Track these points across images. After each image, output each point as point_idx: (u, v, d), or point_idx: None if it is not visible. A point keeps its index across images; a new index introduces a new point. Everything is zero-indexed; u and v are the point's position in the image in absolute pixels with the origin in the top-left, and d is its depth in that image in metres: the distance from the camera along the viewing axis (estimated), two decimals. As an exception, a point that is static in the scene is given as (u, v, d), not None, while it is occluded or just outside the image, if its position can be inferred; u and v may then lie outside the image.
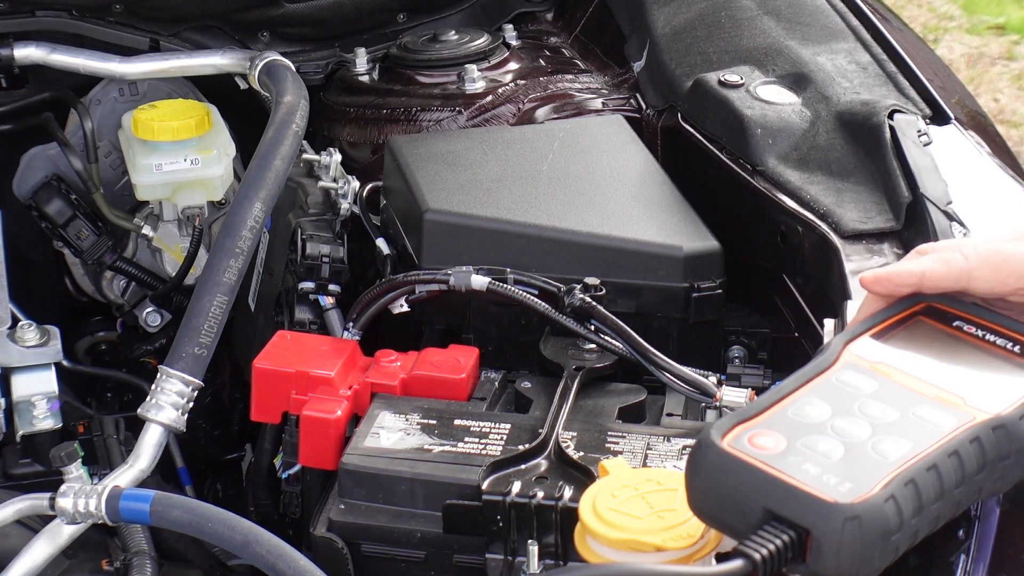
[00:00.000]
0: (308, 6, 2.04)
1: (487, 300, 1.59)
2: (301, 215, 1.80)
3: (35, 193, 2.04)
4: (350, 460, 1.38)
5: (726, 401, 1.45)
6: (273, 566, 1.23)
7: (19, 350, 1.70)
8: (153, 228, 2.05)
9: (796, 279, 1.67)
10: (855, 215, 1.61)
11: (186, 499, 1.32)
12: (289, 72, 1.87)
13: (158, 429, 1.45)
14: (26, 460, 1.72)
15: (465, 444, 1.39)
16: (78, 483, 1.36)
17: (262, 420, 1.53)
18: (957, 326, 1.19)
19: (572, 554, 1.28)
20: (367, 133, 2.04)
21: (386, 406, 1.46)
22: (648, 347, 1.49)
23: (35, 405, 1.70)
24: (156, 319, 2.11)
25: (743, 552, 1.02)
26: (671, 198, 1.73)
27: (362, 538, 1.36)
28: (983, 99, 4.65)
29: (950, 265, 1.19)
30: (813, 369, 1.15)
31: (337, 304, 1.72)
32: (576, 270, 1.59)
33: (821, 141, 1.75)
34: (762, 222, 1.71)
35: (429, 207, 1.66)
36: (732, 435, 1.07)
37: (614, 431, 1.40)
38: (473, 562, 1.34)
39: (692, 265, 1.61)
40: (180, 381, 1.46)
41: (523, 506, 1.30)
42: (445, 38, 2.10)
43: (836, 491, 1.02)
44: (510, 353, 1.62)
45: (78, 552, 1.45)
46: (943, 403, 1.11)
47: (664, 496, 1.17)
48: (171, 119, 1.92)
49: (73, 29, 2.01)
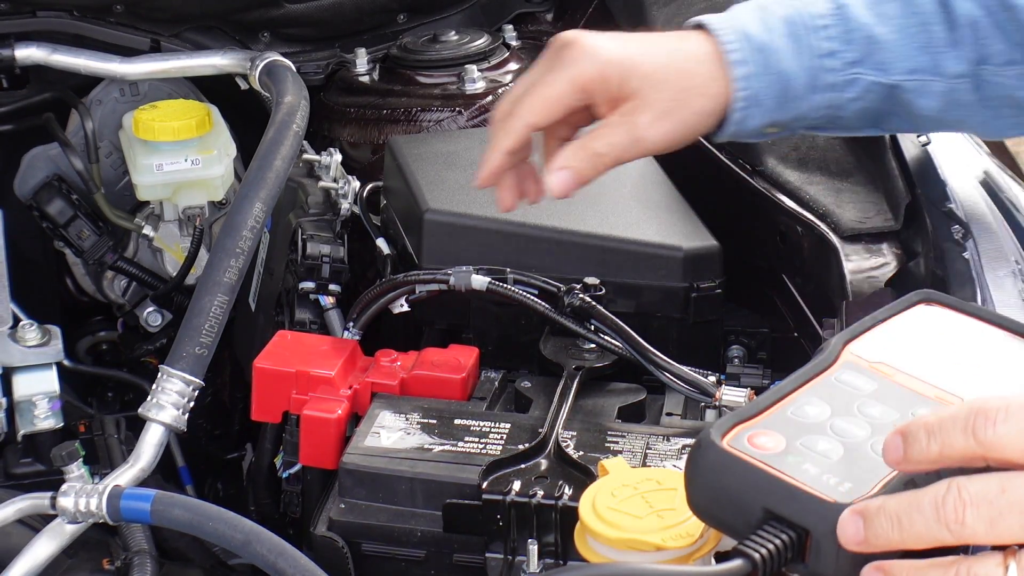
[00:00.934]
0: (308, 7, 2.05)
1: (487, 300, 1.59)
2: (301, 215, 1.80)
3: (36, 193, 2.04)
4: (350, 459, 1.38)
5: (725, 401, 1.45)
6: (274, 565, 1.23)
7: (20, 350, 1.70)
8: (154, 228, 2.05)
9: (795, 279, 1.67)
10: (854, 215, 1.62)
11: (187, 498, 1.32)
12: (289, 72, 1.87)
13: (159, 428, 1.46)
14: (27, 459, 1.72)
15: (465, 443, 1.39)
16: (79, 482, 1.36)
17: (262, 420, 1.54)
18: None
19: (572, 553, 1.28)
20: (367, 133, 2.04)
21: (386, 406, 1.47)
22: (648, 347, 1.49)
23: (36, 405, 1.70)
24: (157, 319, 2.11)
25: (743, 552, 1.03)
26: (670, 198, 1.73)
27: (362, 537, 1.36)
28: (983, 99, 4.63)
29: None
30: (812, 369, 1.15)
31: (337, 304, 1.72)
32: (576, 270, 1.59)
33: (820, 141, 1.75)
34: (761, 222, 1.71)
35: (429, 207, 1.66)
36: (732, 435, 1.07)
37: (614, 431, 1.41)
38: (473, 561, 1.34)
39: (691, 265, 1.61)
40: (181, 381, 1.47)
41: (523, 505, 1.31)
42: (445, 38, 2.10)
43: (836, 491, 1.02)
44: (510, 353, 1.63)
45: (79, 551, 1.45)
46: (943, 403, 1.11)
47: (664, 495, 1.17)
48: (172, 119, 1.92)
49: (74, 30, 2.01)
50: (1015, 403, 0.95)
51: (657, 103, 1.32)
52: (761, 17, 1.33)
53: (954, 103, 1.36)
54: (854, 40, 1.33)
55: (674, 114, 1.32)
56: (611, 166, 1.35)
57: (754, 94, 1.33)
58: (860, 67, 1.33)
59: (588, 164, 1.34)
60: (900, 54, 1.34)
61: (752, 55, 1.32)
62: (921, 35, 1.33)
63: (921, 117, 1.38)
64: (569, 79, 1.33)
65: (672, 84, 1.33)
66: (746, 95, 1.33)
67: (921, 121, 1.40)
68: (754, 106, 1.34)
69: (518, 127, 1.35)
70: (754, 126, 1.36)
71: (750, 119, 1.35)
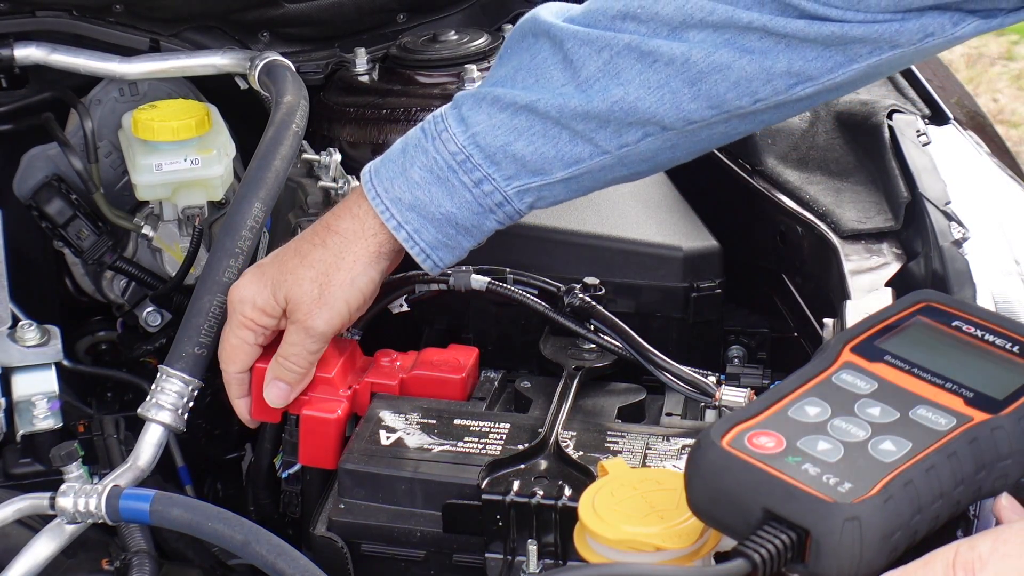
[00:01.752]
0: (308, 6, 2.04)
1: (487, 300, 1.59)
2: (301, 215, 1.80)
3: (35, 193, 2.03)
4: (350, 459, 1.38)
5: (725, 401, 1.45)
6: (273, 565, 1.23)
7: (19, 350, 1.70)
8: (153, 228, 2.04)
9: (795, 279, 1.67)
10: (854, 215, 1.61)
11: (186, 498, 1.32)
12: (289, 72, 1.87)
13: (158, 429, 1.46)
14: (26, 460, 1.72)
15: (465, 444, 1.39)
16: (78, 483, 1.36)
17: (262, 419, 1.53)
18: (956, 326, 1.19)
19: (571, 553, 1.28)
20: (367, 133, 2.03)
21: (386, 406, 1.46)
22: (647, 347, 1.49)
23: (35, 405, 1.70)
24: (156, 319, 2.10)
25: (743, 552, 1.03)
26: (670, 198, 1.73)
27: (362, 537, 1.36)
28: (982, 99, 4.65)
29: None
30: (812, 369, 1.15)
31: (337, 304, 1.72)
32: (576, 270, 1.59)
33: (820, 141, 1.75)
34: (761, 222, 1.71)
35: (429, 207, 1.66)
36: (732, 435, 1.07)
37: (613, 431, 1.41)
38: (473, 561, 1.34)
39: (691, 265, 1.61)
40: (180, 381, 1.47)
41: (523, 505, 1.30)
42: (445, 38, 2.10)
43: (835, 491, 1.02)
44: (510, 353, 1.62)
45: (78, 551, 1.45)
46: (942, 404, 1.11)
47: (663, 496, 1.17)
48: (171, 119, 1.91)
49: (73, 29, 2.00)
50: (986, 552, 1.01)
51: (307, 296, 1.42)
52: (403, 172, 1.41)
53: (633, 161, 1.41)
54: (499, 162, 1.39)
55: (326, 297, 1.42)
56: (311, 360, 1.45)
57: (427, 244, 1.42)
58: (517, 179, 1.40)
59: (286, 370, 1.45)
60: (549, 157, 1.39)
61: (405, 216, 1.41)
62: (564, 133, 1.38)
63: (614, 179, 1.44)
64: (237, 326, 1.45)
65: (315, 273, 1.42)
66: (419, 248, 1.42)
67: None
68: (436, 250, 1.42)
69: (231, 374, 1.48)
70: (453, 258, 1.44)
71: (444, 258, 1.43)
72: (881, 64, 1.33)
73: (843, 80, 1.34)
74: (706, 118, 1.35)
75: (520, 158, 1.38)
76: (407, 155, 1.42)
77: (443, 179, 1.40)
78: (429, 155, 1.40)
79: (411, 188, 1.40)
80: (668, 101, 1.34)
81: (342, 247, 1.42)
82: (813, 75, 1.33)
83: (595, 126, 1.37)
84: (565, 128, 1.37)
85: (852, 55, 1.32)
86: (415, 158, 1.41)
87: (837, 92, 1.37)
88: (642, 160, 1.40)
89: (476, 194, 1.39)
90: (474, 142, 1.39)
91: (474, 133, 1.39)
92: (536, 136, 1.38)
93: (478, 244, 1.45)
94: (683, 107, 1.35)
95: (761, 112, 1.36)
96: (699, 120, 1.35)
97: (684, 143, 1.39)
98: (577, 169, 1.39)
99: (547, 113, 1.37)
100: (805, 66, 1.33)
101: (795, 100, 1.35)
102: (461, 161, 1.39)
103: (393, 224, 1.41)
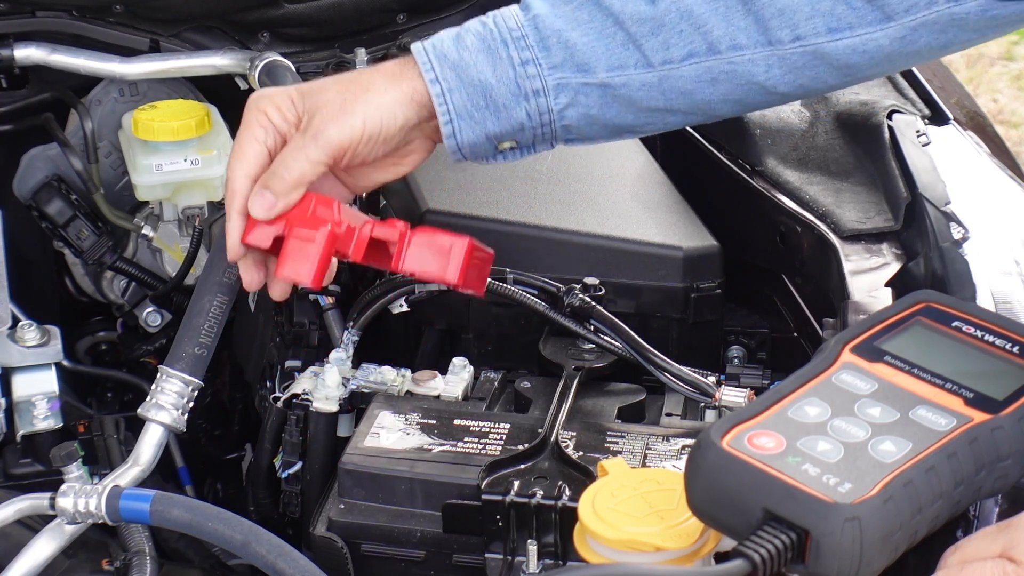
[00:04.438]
0: (308, 7, 2.04)
1: (487, 300, 1.59)
2: (301, 215, 1.80)
3: (35, 193, 2.04)
4: (350, 460, 1.38)
5: (725, 401, 1.45)
6: (273, 565, 1.23)
7: (19, 350, 1.70)
8: (153, 228, 2.05)
9: (795, 279, 1.68)
10: (854, 215, 1.61)
11: (186, 499, 1.32)
12: (289, 72, 1.87)
13: (158, 429, 1.46)
14: (26, 460, 1.72)
15: (465, 444, 1.39)
16: (78, 483, 1.36)
17: (250, 246, 1.40)
18: (956, 326, 1.19)
19: (571, 554, 1.28)
20: (367, 133, 2.03)
21: (386, 406, 1.47)
22: (647, 347, 1.49)
23: (35, 405, 1.70)
24: (156, 319, 2.10)
25: (742, 552, 1.03)
26: (670, 198, 1.73)
27: (362, 538, 1.36)
28: (982, 99, 4.65)
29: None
30: (812, 369, 1.15)
31: (337, 304, 1.72)
32: (576, 270, 1.59)
33: (820, 141, 1.75)
34: (761, 222, 1.71)
35: (429, 207, 1.66)
36: (731, 435, 1.07)
37: (613, 431, 1.41)
38: (473, 562, 1.34)
39: (691, 265, 1.61)
40: (180, 381, 1.47)
41: (522, 506, 1.31)
42: (445, 38, 2.10)
43: (835, 492, 1.02)
44: (510, 353, 1.63)
45: (78, 552, 1.45)
46: (942, 404, 1.11)
47: (663, 496, 1.17)
48: (171, 119, 1.92)
49: (73, 30, 2.00)
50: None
51: (329, 103, 1.39)
52: (457, 36, 1.41)
53: (672, 89, 1.40)
54: (551, 47, 1.39)
55: (347, 107, 1.38)
56: (304, 171, 1.38)
57: (455, 107, 1.39)
58: (561, 71, 1.39)
59: (277, 177, 1.37)
60: (598, 53, 1.39)
61: (444, 72, 1.39)
62: (619, 33, 1.39)
63: (648, 110, 1.42)
64: (252, 123, 1.40)
65: (343, 86, 1.40)
66: (446, 108, 1.39)
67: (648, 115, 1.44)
68: (461, 118, 1.39)
69: (237, 178, 1.40)
70: (474, 139, 1.41)
71: (464, 131, 1.40)
72: (919, 31, 1.33)
73: (878, 40, 1.34)
74: (749, 45, 1.35)
75: (571, 46, 1.38)
76: (465, 27, 1.42)
77: (492, 50, 1.39)
78: (487, 27, 1.40)
79: (459, 48, 1.39)
80: (721, 12, 1.35)
81: (376, 79, 1.41)
82: (852, 23, 1.33)
83: (648, 30, 1.37)
84: (621, 28, 1.38)
85: (889, 12, 1.33)
86: (472, 28, 1.41)
87: (870, 59, 1.36)
88: (680, 93, 1.39)
89: (519, 73, 1.39)
90: (533, 24, 1.39)
91: (536, 15, 1.39)
92: (592, 30, 1.38)
93: (499, 139, 1.41)
94: (732, 22, 1.35)
95: (794, 56, 1.35)
96: (743, 46, 1.35)
97: (722, 84, 1.38)
98: (619, 75, 1.38)
99: (610, 8, 1.38)
100: (847, 11, 1.33)
101: (828, 53, 1.35)
102: (516, 38, 1.39)
103: (431, 76, 1.39)
